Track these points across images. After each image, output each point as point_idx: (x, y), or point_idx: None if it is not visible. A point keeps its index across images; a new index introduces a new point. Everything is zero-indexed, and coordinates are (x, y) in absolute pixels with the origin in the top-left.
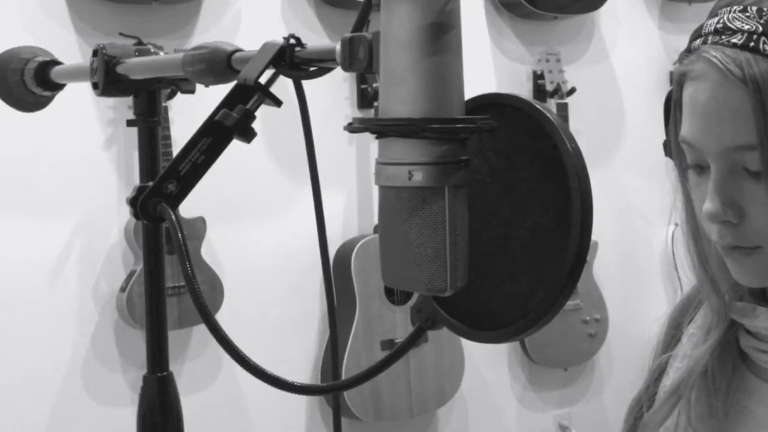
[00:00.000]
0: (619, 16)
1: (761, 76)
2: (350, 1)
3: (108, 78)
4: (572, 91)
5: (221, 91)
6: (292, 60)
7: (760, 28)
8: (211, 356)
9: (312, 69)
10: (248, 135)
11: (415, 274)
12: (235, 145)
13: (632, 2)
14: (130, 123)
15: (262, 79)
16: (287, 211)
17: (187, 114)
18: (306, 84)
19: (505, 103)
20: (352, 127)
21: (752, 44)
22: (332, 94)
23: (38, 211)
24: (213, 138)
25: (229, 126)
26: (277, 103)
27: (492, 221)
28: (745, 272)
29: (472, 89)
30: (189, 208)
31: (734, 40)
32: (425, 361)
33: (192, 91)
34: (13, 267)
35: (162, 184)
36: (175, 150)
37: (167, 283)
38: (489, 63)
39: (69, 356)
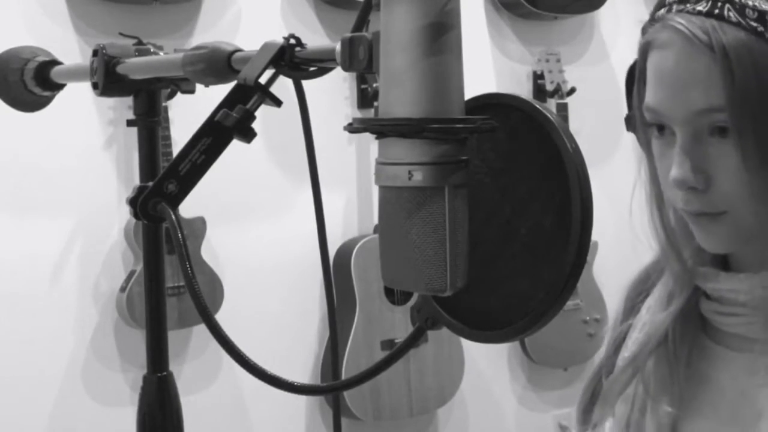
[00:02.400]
0: (619, 16)
1: (728, 42)
2: (350, 1)
3: (108, 78)
4: (572, 91)
5: (221, 91)
6: (292, 60)
7: None
8: (211, 356)
9: (312, 69)
10: (248, 135)
11: (415, 274)
12: (235, 145)
13: (632, 2)
14: (130, 123)
15: (262, 79)
16: (287, 211)
17: (187, 114)
18: (306, 84)
19: (505, 103)
20: (352, 127)
21: (717, 11)
22: (332, 94)
23: (38, 211)
24: (213, 138)
25: (229, 126)
26: (277, 103)
27: (492, 221)
28: (712, 238)
29: (472, 89)
30: (189, 208)
31: (699, 8)
32: (425, 361)
33: (192, 91)
34: (13, 267)
35: (162, 184)
36: (175, 150)
37: (167, 283)
38: (489, 63)
39: (69, 356)
